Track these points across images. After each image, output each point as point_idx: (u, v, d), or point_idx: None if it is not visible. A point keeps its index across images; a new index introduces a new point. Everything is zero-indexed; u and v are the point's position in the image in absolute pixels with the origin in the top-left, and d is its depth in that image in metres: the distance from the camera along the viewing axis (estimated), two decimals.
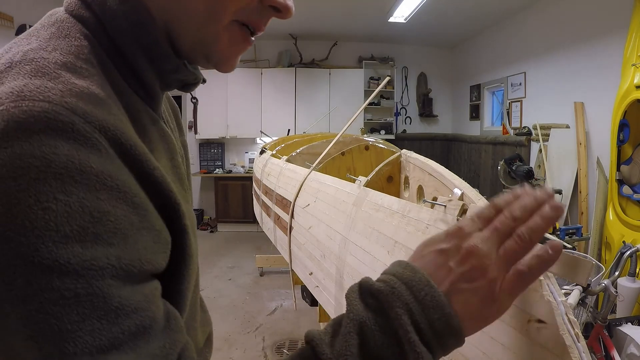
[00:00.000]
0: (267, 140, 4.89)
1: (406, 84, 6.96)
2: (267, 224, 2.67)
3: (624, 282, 2.17)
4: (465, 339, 0.40)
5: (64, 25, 0.41)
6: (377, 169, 1.39)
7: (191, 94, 0.57)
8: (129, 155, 0.36)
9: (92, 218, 0.32)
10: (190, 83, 0.50)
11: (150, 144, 0.43)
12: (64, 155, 0.31)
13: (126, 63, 0.43)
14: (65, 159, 0.31)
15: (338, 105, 6.17)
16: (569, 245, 2.78)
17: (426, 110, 6.94)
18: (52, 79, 0.35)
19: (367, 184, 1.29)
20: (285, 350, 2.89)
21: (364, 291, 0.41)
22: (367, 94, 6.40)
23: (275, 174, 2.43)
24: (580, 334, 0.51)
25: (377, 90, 1.51)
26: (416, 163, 1.27)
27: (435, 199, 0.83)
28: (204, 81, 0.52)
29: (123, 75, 0.43)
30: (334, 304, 1.28)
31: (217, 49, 0.45)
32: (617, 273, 1.88)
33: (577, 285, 1.47)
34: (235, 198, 6.25)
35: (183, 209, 0.42)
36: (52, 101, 0.33)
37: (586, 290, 1.56)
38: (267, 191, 2.54)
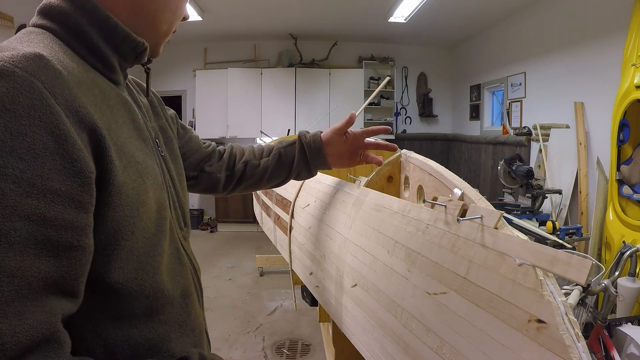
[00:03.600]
0: (267, 140, 4.89)
1: (406, 84, 6.96)
2: (267, 224, 2.67)
3: (624, 282, 2.17)
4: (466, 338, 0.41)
5: (28, 31, 0.56)
6: (377, 169, 1.38)
7: (143, 65, 0.71)
8: (61, 97, 0.47)
9: (11, 135, 0.42)
10: (141, 51, 0.65)
11: (109, 100, 0.57)
12: (1, 92, 0.43)
13: (86, 45, 0.58)
14: (3, 95, 0.43)
15: (338, 105, 6.17)
16: (569, 245, 2.78)
17: (426, 110, 6.94)
18: (6, 50, 0.47)
19: (367, 184, 1.29)
20: (285, 350, 2.89)
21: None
22: (367, 94, 6.39)
23: None
24: (580, 334, 0.51)
25: (377, 90, 1.50)
26: (416, 163, 1.27)
27: (435, 199, 0.83)
28: (150, 60, 0.70)
29: (82, 56, 0.57)
30: (334, 304, 1.28)
31: (160, 50, 0.70)
32: (617, 273, 1.88)
33: (577, 285, 1.47)
34: (235, 198, 6.25)
35: (108, 142, 0.51)
36: (2, 60, 0.45)
37: (586, 290, 1.56)
38: (267, 191, 2.54)
